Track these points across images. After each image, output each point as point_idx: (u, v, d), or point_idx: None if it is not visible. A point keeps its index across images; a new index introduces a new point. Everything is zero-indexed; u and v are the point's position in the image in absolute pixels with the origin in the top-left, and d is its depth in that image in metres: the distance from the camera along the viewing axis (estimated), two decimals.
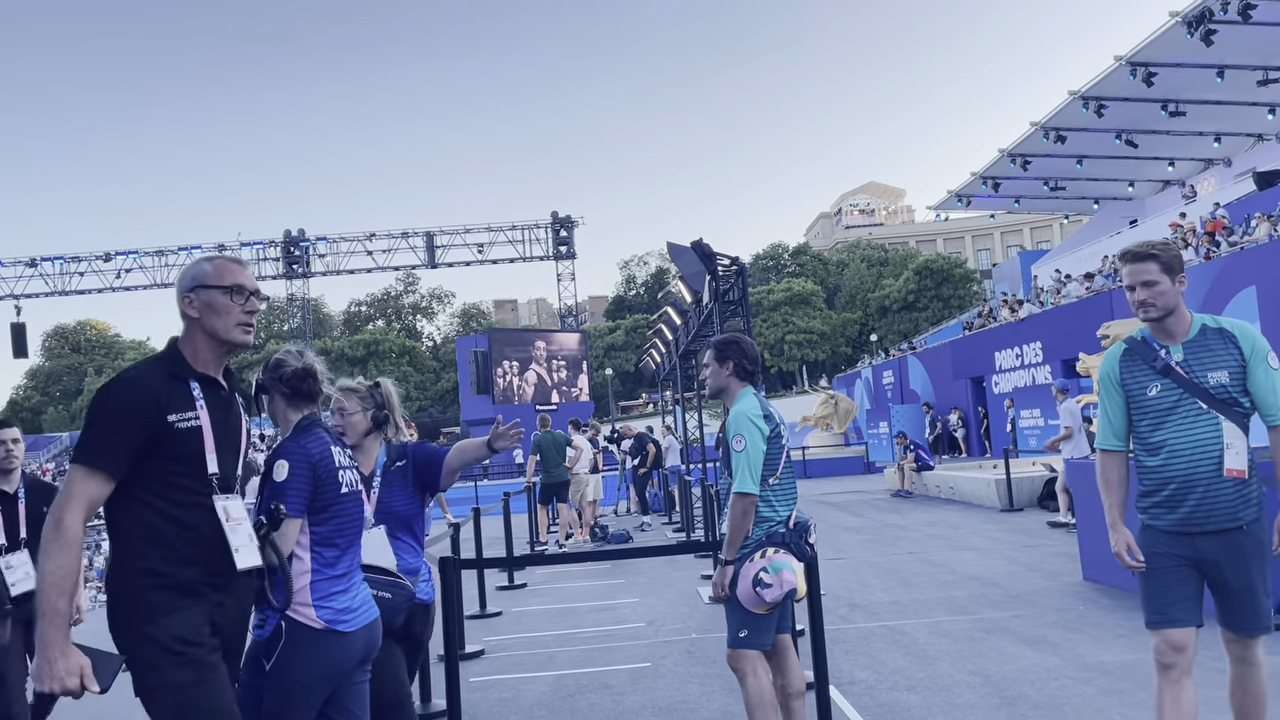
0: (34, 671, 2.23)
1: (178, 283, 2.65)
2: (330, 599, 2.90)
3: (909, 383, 32.63)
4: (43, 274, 49.56)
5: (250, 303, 2.64)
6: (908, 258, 76.47)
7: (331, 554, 2.94)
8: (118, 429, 2.40)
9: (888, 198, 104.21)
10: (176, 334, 2.65)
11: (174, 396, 2.50)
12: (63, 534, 2.30)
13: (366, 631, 2.97)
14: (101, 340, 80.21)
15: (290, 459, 2.90)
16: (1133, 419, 3.37)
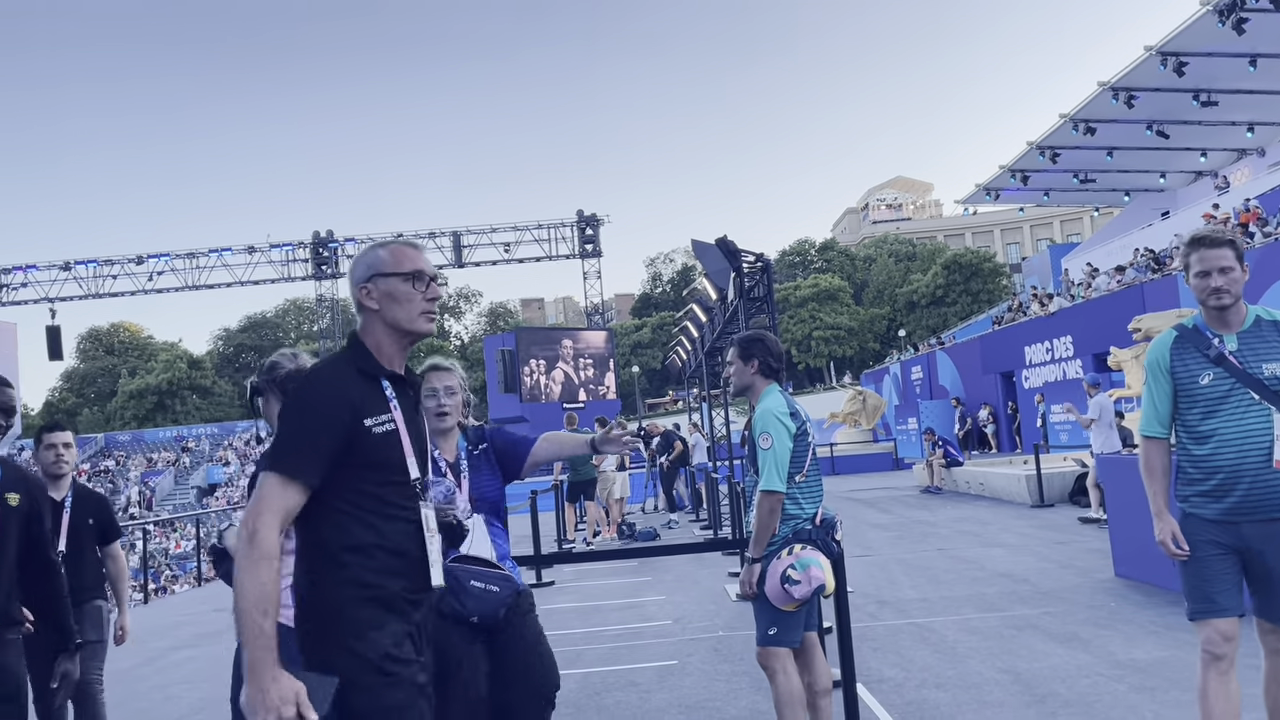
0: (245, 703, 2.03)
1: (351, 273, 2.46)
2: None
3: (938, 378, 32.41)
4: (77, 277, 50.30)
5: (431, 289, 2.42)
6: (936, 252, 75.94)
7: None
8: (315, 435, 2.20)
9: (915, 192, 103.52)
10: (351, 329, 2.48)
11: (367, 398, 2.30)
12: (258, 547, 2.10)
13: None
14: (135, 342, 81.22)
15: None
16: (1179, 407, 3.33)
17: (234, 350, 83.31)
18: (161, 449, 45.77)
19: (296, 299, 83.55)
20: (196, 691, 6.57)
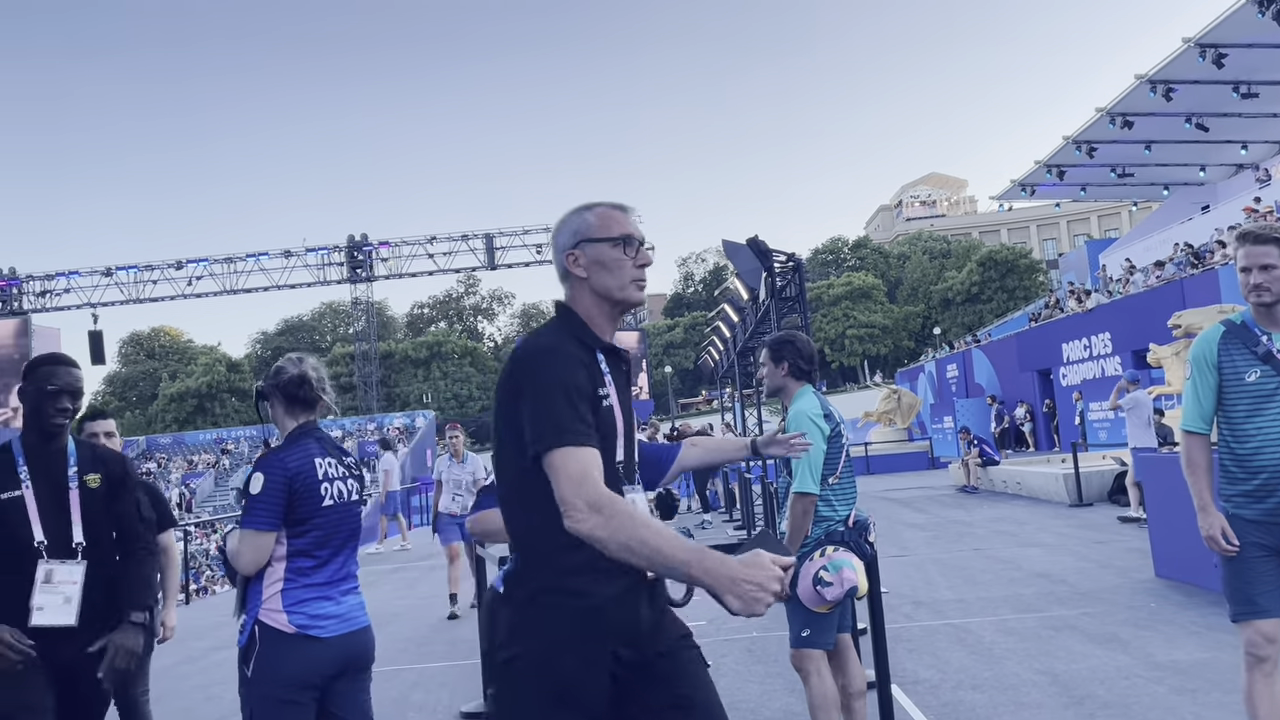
0: (734, 604, 1.81)
1: (555, 238, 2.28)
2: (304, 605, 2.95)
3: (974, 376, 32.12)
4: (118, 283, 51.18)
5: (642, 255, 2.25)
6: (971, 249, 75.27)
7: (308, 564, 3.00)
8: (571, 399, 2.00)
9: (949, 188, 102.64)
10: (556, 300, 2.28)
11: (592, 368, 2.12)
12: (605, 509, 1.88)
13: (347, 640, 3.01)
14: (175, 346, 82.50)
15: (266, 472, 2.97)
16: (1223, 404, 3.30)
17: (272, 353, 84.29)
18: (201, 451, 46.45)
19: (332, 302, 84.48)
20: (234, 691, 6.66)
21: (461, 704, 5.73)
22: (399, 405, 68.01)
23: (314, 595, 2.98)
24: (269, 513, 2.94)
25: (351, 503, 3.14)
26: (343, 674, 3.02)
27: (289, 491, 2.97)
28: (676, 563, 1.83)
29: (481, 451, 38.14)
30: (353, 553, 3.18)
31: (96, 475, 3.18)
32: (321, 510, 3.02)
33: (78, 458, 3.19)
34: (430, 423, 47.19)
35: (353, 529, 3.16)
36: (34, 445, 3.12)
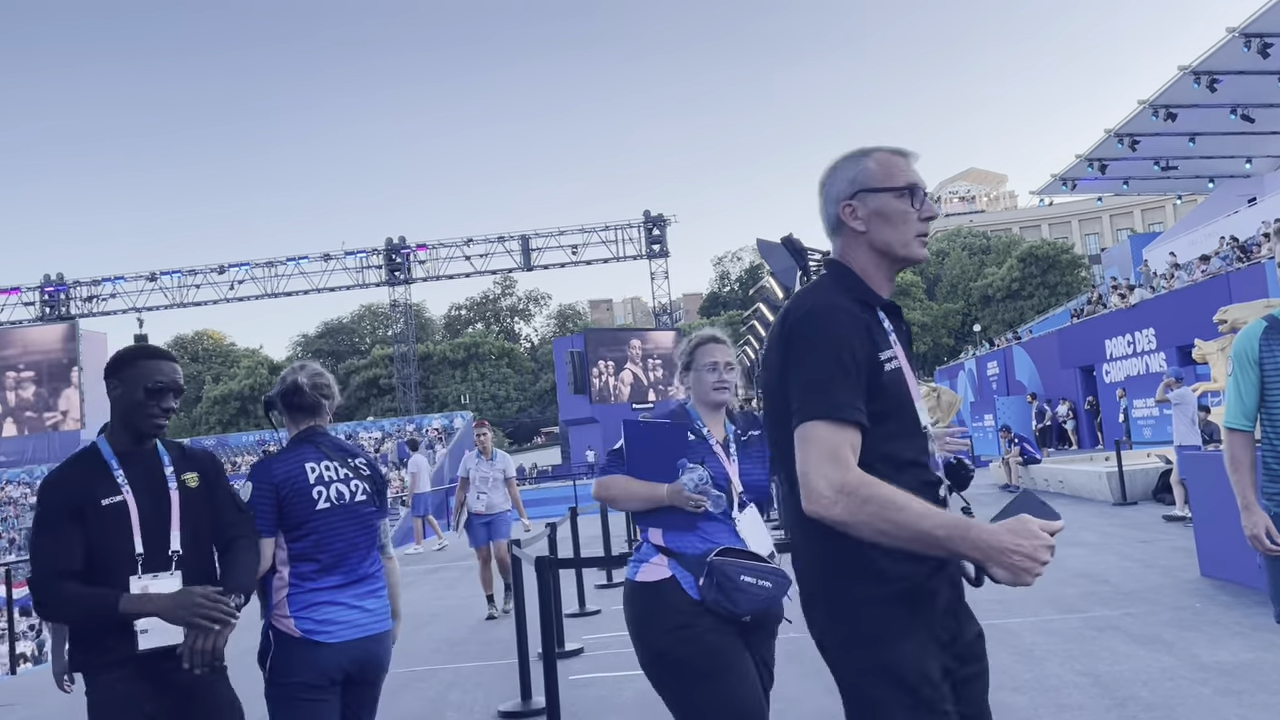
0: (1006, 574, 1.72)
1: (827, 187, 2.06)
2: (310, 610, 3.01)
3: (1014, 373, 31.75)
4: (162, 287, 52.09)
5: (926, 206, 2.02)
6: (1011, 244, 74.39)
7: (311, 567, 3.03)
8: (844, 367, 1.81)
9: (988, 184, 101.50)
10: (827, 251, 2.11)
11: (873, 329, 1.91)
12: (857, 490, 1.73)
13: (354, 646, 3.04)
14: (218, 349, 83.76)
15: (253, 481, 3.07)
16: (1265, 400, 3.25)
17: (313, 355, 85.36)
18: (244, 453, 47.11)
19: (371, 304, 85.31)
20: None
21: (499, 704, 5.77)
22: (437, 406, 68.52)
23: (322, 599, 3.02)
24: (262, 519, 3.01)
25: (356, 504, 3.14)
26: (352, 679, 3.08)
27: (276, 498, 3.03)
28: (941, 539, 1.71)
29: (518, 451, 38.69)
30: (366, 554, 3.16)
31: (194, 474, 2.80)
32: (316, 514, 3.05)
33: (170, 457, 2.82)
34: (468, 423, 47.52)
35: (359, 529, 3.14)
36: (126, 447, 2.72)
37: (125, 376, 2.72)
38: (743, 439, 3.19)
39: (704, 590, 2.81)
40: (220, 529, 2.80)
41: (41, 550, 2.58)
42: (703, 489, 2.91)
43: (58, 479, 2.65)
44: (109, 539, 2.62)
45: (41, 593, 2.56)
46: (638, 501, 3.01)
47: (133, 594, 2.56)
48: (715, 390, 3.18)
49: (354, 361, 78.57)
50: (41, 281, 52.77)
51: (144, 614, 2.54)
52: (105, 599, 2.53)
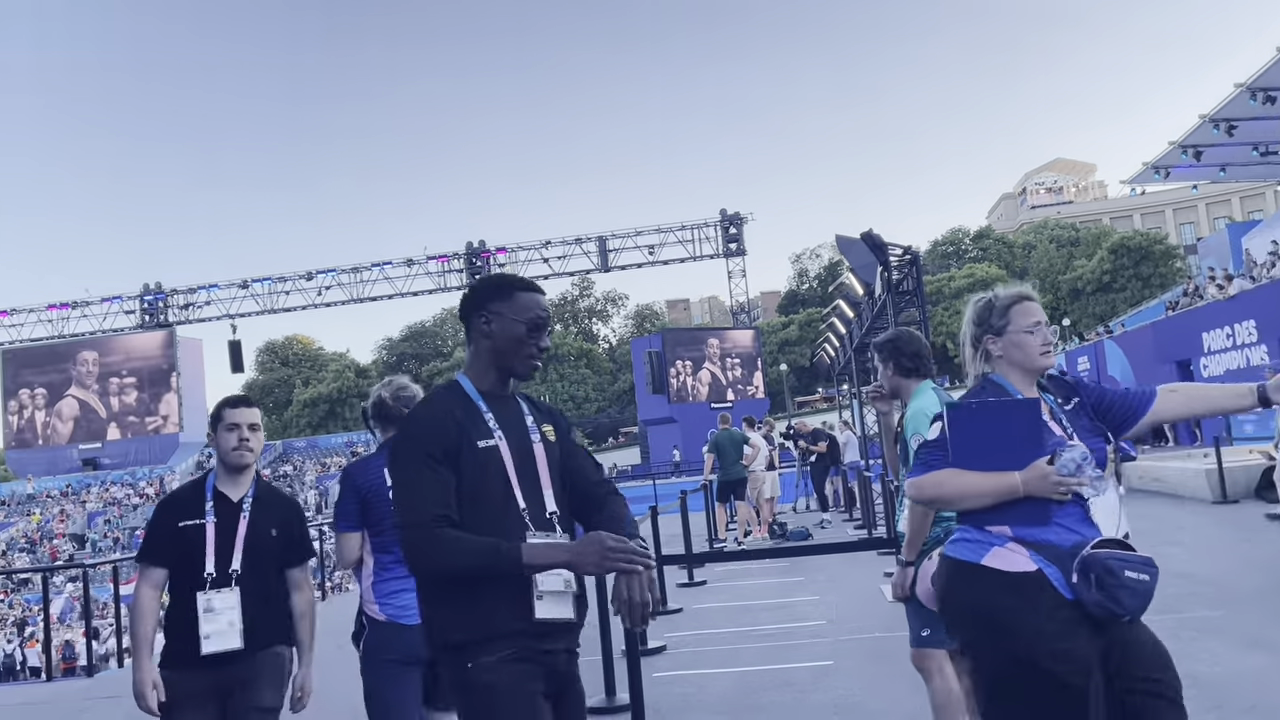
0: None
1: None
2: (391, 596, 3.37)
3: (1106, 368, 30.84)
4: (254, 294, 53.76)
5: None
6: (1101, 236, 72.20)
7: (389, 559, 3.38)
8: None
9: (1076, 174, 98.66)
10: None
11: None
12: None
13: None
14: (306, 353, 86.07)
15: (341, 484, 3.50)
16: None
17: (397, 359, 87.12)
18: (333, 454, 48.38)
19: (452, 308, 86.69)
20: None
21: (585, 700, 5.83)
22: None
23: (400, 587, 3.33)
24: (344, 517, 3.44)
25: None
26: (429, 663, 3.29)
27: (360, 499, 3.42)
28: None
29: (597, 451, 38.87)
30: None
31: (551, 427, 2.52)
32: (392, 513, 3.17)
33: (526, 406, 2.63)
34: None
35: None
36: (492, 388, 2.44)
37: (501, 308, 2.38)
38: (1066, 408, 2.78)
39: (1079, 589, 2.41)
40: (591, 486, 2.45)
41: (419, 489, 2.19)
42: (1080, 470, 2.47)
43: (430, 412, 2.32)
44: (482, 488, 2.26)
45: (421, 538, 2.15)
46: (984, 497, 2.53)
47: (535, 543, 2.17)
48: (1043, 354, 2.72)
49: (436, 364, 79.99)
50: (141, 290, 54.95)
51: (551, 566, 2.16)
52: (502, 549, 2.13)
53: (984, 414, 2.58)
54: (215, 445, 3.36)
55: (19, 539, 40.37)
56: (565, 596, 2.20)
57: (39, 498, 45.50)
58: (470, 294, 2.45)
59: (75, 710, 7.11)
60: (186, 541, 3.19)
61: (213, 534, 3.20)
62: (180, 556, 3.19)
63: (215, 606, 3.13)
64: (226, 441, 3.30)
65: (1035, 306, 2.77)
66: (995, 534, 2.50)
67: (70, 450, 48.84)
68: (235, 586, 3.17)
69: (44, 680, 10.59)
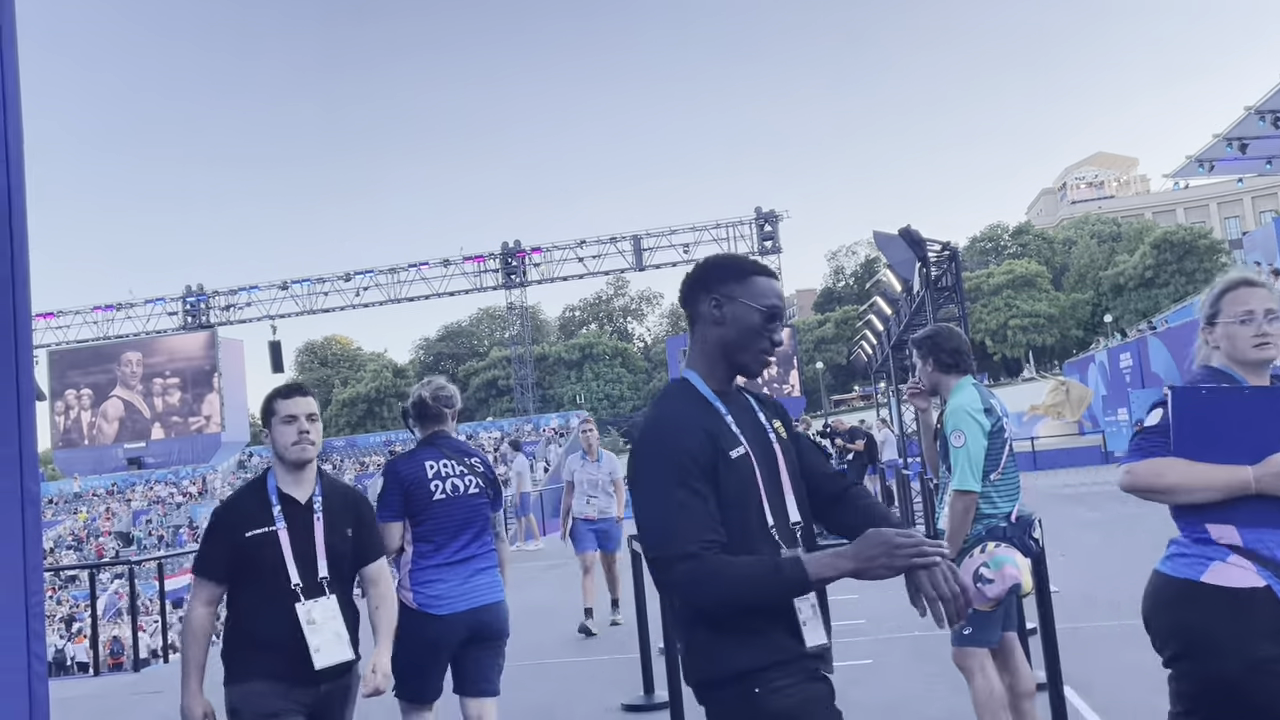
0: None
1: None
2: (425, 585, 3.63)
3: (1150, 365, 30.32)
4: (293, 295, 54.39)
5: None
6: (1143, 230, 71.12)
7: (428, 548, 3.65)
8: None
9: (1118, 168, 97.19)
10: None
11: None
12: None
13: (466, 615, 3.62)
14: (345, 354, 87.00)
15: (385, 477, 3.75)
16: None
17: (434, 359, 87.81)
18: (372, 453, 48.84)
19: (489, 308, 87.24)
20: None
21: (622, 697, 5.84)
22: (554, 406, 69.63)
23: (434, 577, 3.63)
24: (387, 507, 3.66)
25: (470, 495, 3.74)
26: (472, 641, 3.66)
27: (403, 490, 3.67)
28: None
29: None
30: (475, 537, 3.74)
31: (780, 422, 2.24)
32: (433, 504, 3.67)
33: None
34: (583, 423, 48.13)
35: (468, 517, 3.73)
36: (721, 386, 2.12)
37: (735, 292, 2.04)
38: None
39: None
40: (828, 481, 2.20)
41: (683, 512, 1.88)
42: None
43: (677, 420, 1.97)
44: (735, 504, 1.96)
45: (697, 570, 1.86)
46: (1209, 491, 2.35)
47: (816, 555, 1.90)
48: (1258, 347, 2.47)
49: (473, 364, 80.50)
50: (183, 292, 55.79)
51: (838, 577, 1.88)
52: (784, 568, 1.86)
53: (1216, 400, 2.39)
54: (272, 442, 3.06)
55: (66, 536, 41.18)
56: (818, 619, 2.00)
57: (85, 496, 46.39)
58: (698, 274, 2.11)
59: (122, 705, 7.24)
60: (257, 552, 2.92)
61: (288, 541, 2.94)
62: (252, 568, 2.93)
63: (317, 618, 2.91)
64: (285, 436, 2.99)
65: (1254, 293, 2.48)
66: (1217, 544, 2.32)
67: (115, 450, 49.74)
68: (330, 594, 2.96)
69: (91, 675, 10.79)
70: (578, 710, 5.71)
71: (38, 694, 2.78)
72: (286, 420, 3.01)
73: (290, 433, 2.99)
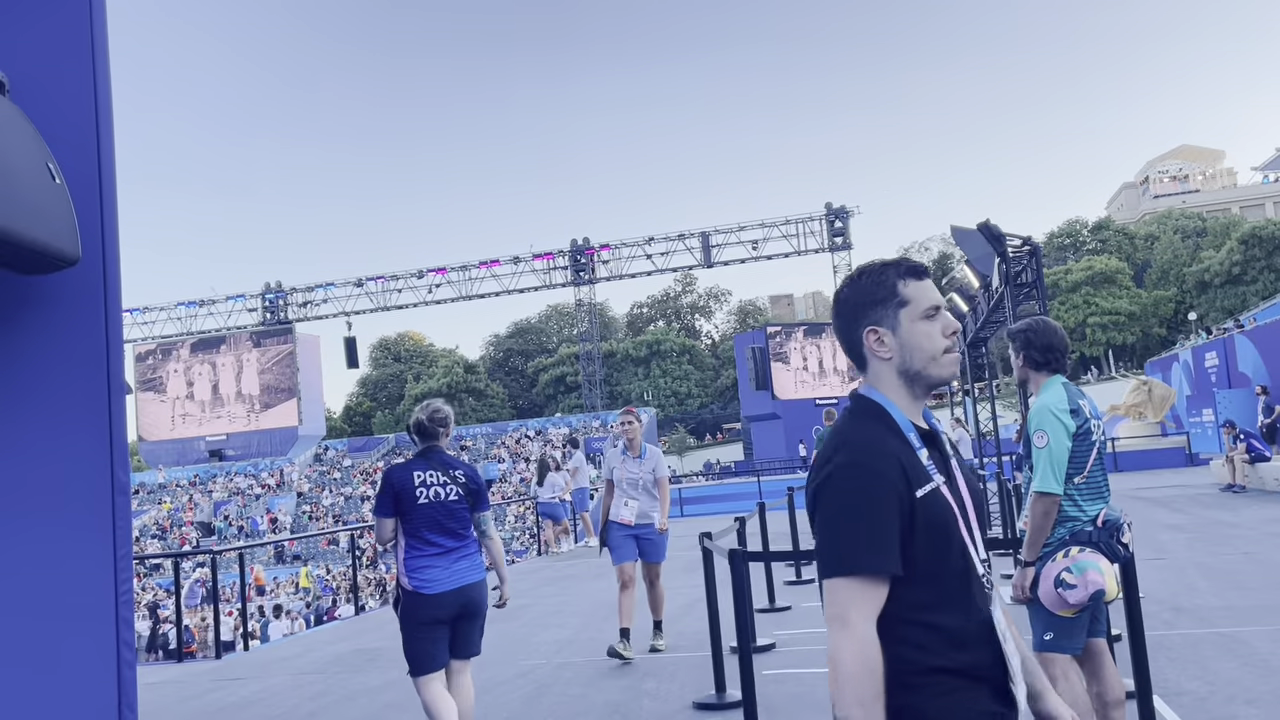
0: None
1: None
2: (418, 571, 4.47)
3: (1237, 364, 29.25)
4: (368, 292, 55.47)
5: None
6: (1230, 225, 68.59)
7: (416, 541, 4.49)
8: None
9: (1203, 161, 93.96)
10: None
11: None
12: None
13: (452, 594, 4.46)
14: (418, 350, 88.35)
15: (382, 481, 4.59)
16: None
17: (504, 355, 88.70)
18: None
19: (558, 305, 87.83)
20: (482, 674, 7.06)
21: (693, 695, 5.81)
22: (621, 403, 69.80)
23: (424, 564, 4.46)
24: (381, 506, 4.56)
25: (449, 501, 4.56)
26: (460, 616, 4.51)
27: (394, 494, 4.52)
28: None
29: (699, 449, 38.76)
30: (455, 533, 4.55)
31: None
32: (417, 506, 4.50)
33: None
34: (651, 419, 48.15)
35: (447, 516, 4.54)
36: None
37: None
38: None
39: None
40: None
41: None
42: None
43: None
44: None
45: None
46: None
47: None
48: None
49: (542, 360, 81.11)
50: (262, 289, 57.28)
51: None
52: None
53: None
54: None
55: (150, 526, 42.56)
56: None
57: (169, 487, 47.91)
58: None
59: (204, 690, 7.43)
60: None
61: None
62: None
63: None
64: None
65: None
66: None
67: (198, 442, 51.26)
68: None
69: (176, 661, 11.12)
70: (647, 707, 5.68)
71: (126, 679, 2.86)
72: None
73: None
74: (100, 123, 2.87)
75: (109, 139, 2.92)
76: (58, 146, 2.68)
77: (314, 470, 48.06)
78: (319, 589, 26.27)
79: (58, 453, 2.70)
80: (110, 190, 2.89)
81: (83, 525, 2.73)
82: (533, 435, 47.59)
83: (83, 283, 2.73)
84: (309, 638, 10.55)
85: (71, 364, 2.73)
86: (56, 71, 2.84)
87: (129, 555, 2.86)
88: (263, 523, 41.14)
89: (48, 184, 2.43)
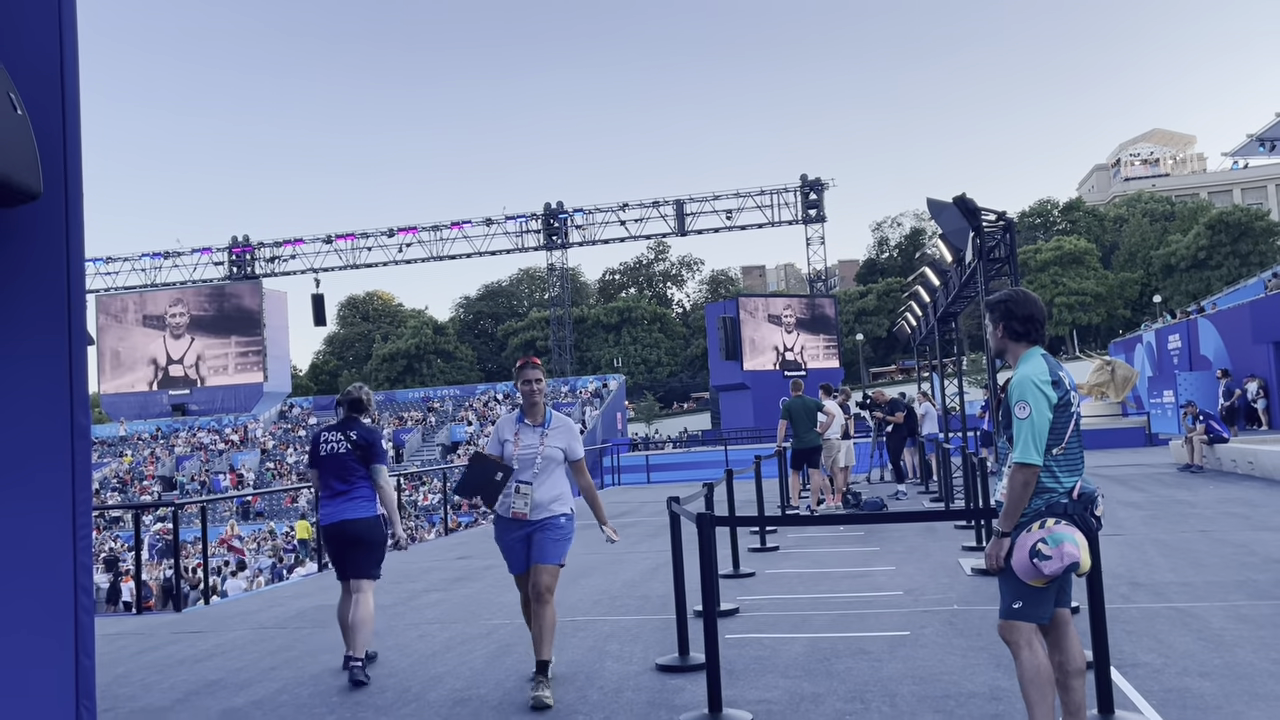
0: None
1: None
2: (322, 508, 5.96)
3: (1199, 348, 29.69)
4: (337, 250, 54.84)
5: None
6: (1198, 210, 69.49)
7: (323, 487, 5.92)
8: None
9: (1174, 145, 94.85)
10: None
11: None
12: None
13: (338, 525, 5.79)
14: (386, 309, 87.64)
15: (310, 439, 6.16)
16: None
17: (473, 317, 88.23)
18: (410, 409, 49.26)
19: (529, 268, 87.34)
20: (447, 631, 7.05)
21: (656, 657, 5.83)
22: (590, 369, 69.77)
23: (323, 503, 5.93)
24: (308, 459, 6.06)
25: (340, 454, 5.86)
26: (345, 544, 5.81)
27: (314, 448, 6.00)
28: None
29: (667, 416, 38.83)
30: (343, 479, 5.83)
31: None
32: (321, 459, 5.92)
33: None
34: (620, 386, 48.16)
35: (340, 466, 5.85)
36: None
37: None
38: None
39: None
40: None
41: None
42: None
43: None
44: None
45: None
46: None
47: None
48: None
49: (512, 323, 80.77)
50: (230, 243, 56.45)
51: None
52: None
53: None
54: None
55: (111, 479, 42.08)
56: None
57: (131, 440, 47.35)
58: None
59: (163, 642, 7.37)
60: None
61: None
62: None
63: None
64: None
65: None
66: None
67: (160, 395, 50.64)
68: None
69: (134, 614, 11.03)
70: (610, 668, 5.70)
71: (83, 625, 2.80)
72: None
73: None
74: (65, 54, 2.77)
75: (74, 73, 2.81)
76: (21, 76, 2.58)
77: (279, 427, 47.67)
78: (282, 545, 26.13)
79: (13, 392, 2.62)
80: (75, 126, 2.78)
81: (40, 466, 2.66)
82: (501, 399, 47.45)
83: (44, 218, 2.64)
84: (270, 593, 10.49)
85: (30, 301, 2.64)
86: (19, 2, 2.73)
87: (88, 500, 2.79)
88: (225, 479, 40.81)
89: (9, 114, 2.34)
